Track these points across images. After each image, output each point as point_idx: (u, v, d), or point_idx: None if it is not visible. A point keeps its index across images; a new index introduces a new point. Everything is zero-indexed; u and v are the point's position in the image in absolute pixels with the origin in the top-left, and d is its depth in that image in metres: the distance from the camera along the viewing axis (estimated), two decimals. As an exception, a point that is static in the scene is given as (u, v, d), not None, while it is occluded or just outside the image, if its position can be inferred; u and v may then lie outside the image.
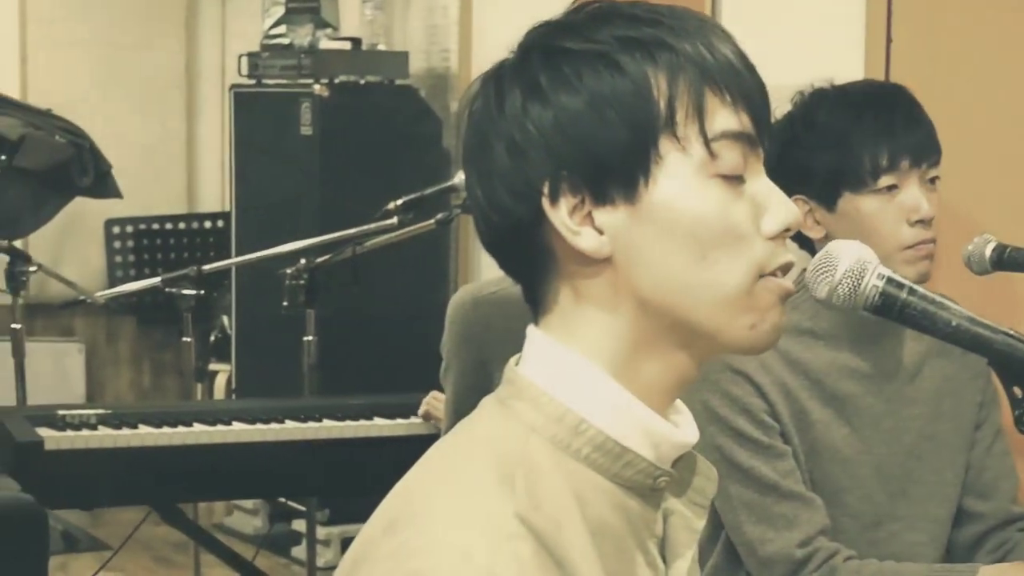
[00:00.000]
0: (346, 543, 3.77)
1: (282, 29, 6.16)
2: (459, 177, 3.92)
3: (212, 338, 6.76)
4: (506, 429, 1.31)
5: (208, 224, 7.43)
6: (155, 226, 7.40)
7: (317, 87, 5.79)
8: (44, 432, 3.81)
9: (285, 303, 4.35)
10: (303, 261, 4.36)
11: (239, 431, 3.99)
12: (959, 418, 2.60)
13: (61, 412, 3.93)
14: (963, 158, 2.93)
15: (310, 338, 4.46)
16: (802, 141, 2.48)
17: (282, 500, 5.85)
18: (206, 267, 4.59)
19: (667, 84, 1.29)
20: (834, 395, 2.49)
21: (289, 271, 4.36)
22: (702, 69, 1.30)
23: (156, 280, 4.61)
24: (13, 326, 4.84)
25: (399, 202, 4.20)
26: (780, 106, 2.45)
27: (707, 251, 1.29)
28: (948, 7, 3.60)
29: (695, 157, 1.29)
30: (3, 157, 6.17)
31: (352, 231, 4.31)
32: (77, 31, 7.24)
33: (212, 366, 6.75)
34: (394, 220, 4.20)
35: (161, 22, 7.47)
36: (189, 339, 4.64)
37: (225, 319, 6.65)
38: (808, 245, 2.50)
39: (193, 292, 4.53)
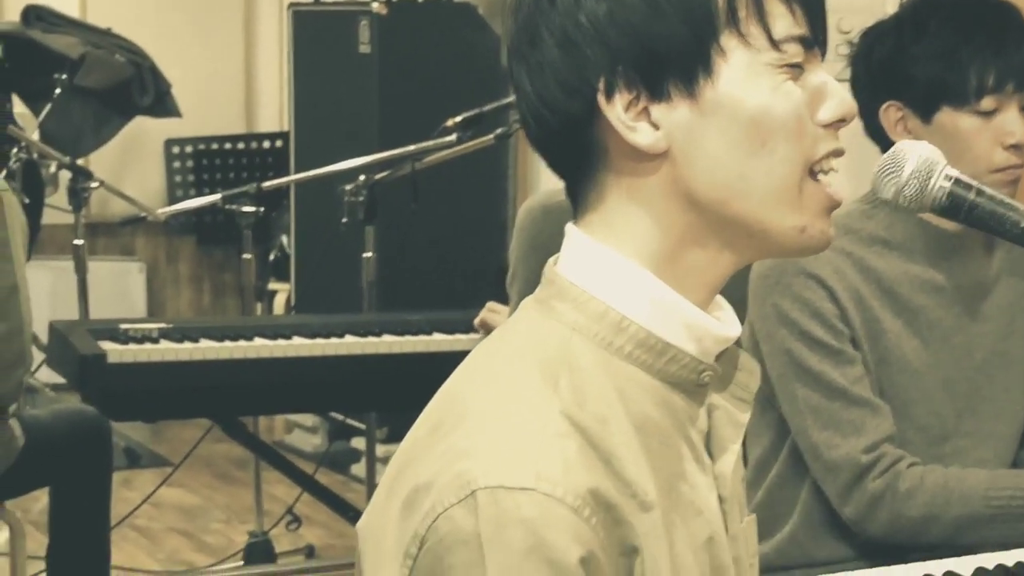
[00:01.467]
0: (405, 458, 3.79)
1: (341, -54, 6.15)
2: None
3: (271, 257, 6.79)
4: (548, 329, 1.31)
5: (267, 144, 7.45)
6: (214, 146, 7.42)
7: (375, 5, 5.77)
8: (107, 345, 3.84)
9: (344, 220, 4.36)
10: (362, 178, 4.37)
11: (299, 345, 4.01)
12: (1031, 336, 2.58)
13: (124, 326, 3.97)
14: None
15: (369, 255, 4.48)
16: (909, 48, 2.44)
17: (341, 418, 5.89)
18: (266, 184, 4.60)
19: None
20: (906, 306, 2.47)
21: (348, 188, 4.37)
22: None
23: (216, 197, 4.62)
24: (75, 242, 4.87)
25: (458, 119, 4.20)
26: (841, 16, 2.42)
27: (767, 139, 1.28)
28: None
29: (758, 50, 1.29)
30: (64, 76, 6.20)
31: (411, 148, 4.31)
32: (136, -50, 7.26)
33: (271, 285, 6.79)
34: (453, 137, 4.20)
35: (219, -59, 7.47)
36: (249, 256, 4.67)
37: (284, 239, 6.68)
38: None
39: (252, 209, 4.54)
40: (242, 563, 4.83)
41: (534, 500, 1.18)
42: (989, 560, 2.29)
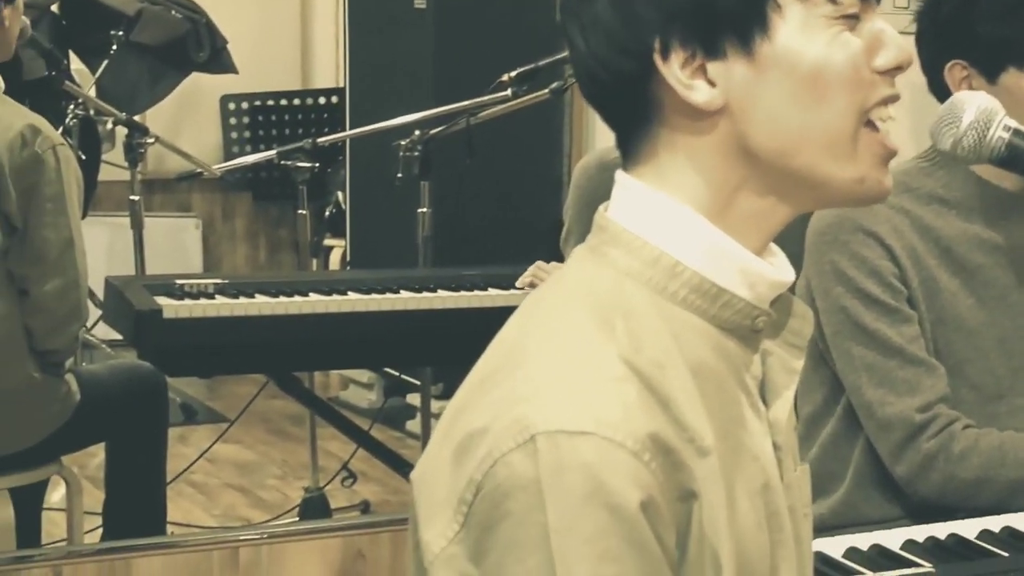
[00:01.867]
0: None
1: (396, -99, 6.13)
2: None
3: (327, 213, 6.81)
4: (601, 276, 1.30)
5: (322, 100, 7.46)
6: (270, 102, 7.44)
7: (431, -39, 5.76)
8: (163, 301, 3.85)
9: (399, 175, 4.37)
10: (417, 133, 4.37)
11: (354, 301, 4.01)
12: (1087, 297, 2.55)
13: (179, 281, 3.97)
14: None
15: (424, 210, 4.48)
16: (977, 5, 2.41)
17: (396, 374, 5.90)
18: (321, 139, 4.61)
19: None
20: (963, 265, 2.45)
21: (403, 143, 4.38)
22: None
23: (272, 153, 4.64)
24: (131, 198, 4.90)
25: (513, 74, 4.19)
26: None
27: (825, 90, 1.27)
28: None
29: (815, 4, 1.27)
30: (120, 32, 6.22)
31: (466, 103, 4.30)
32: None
33: (327, 241, 6.81)
34: (508, 92, 4.19)
35: None
36: (304, 212, 4.68)
37: (340, 194, 6.69)
38: None
39: (308, 165, 4.56)
40: (297, 519, 4.86)
41: (594, 444, 1.17)
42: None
